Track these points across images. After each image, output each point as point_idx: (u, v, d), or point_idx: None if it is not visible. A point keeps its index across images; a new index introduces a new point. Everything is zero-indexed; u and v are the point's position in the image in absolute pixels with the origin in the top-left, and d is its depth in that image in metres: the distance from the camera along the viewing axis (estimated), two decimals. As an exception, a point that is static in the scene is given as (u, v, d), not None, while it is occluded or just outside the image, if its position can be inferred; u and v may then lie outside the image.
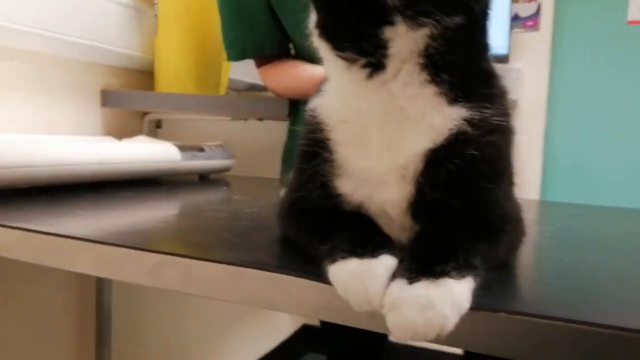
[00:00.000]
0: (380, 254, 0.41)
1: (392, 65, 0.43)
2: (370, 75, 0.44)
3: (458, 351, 1.41)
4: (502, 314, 0.37)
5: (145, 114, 1.50)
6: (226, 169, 1.25)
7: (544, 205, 1.17)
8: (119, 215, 0.70)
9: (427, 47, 0.43)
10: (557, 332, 0.36)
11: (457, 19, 0.42)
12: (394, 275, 0.40)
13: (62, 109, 1.24)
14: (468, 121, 0.44)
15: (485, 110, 0.45)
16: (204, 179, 1.21)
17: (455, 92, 0.44)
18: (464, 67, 0.45)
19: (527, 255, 0.56)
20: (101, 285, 1.25)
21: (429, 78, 0.44)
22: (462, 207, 0.45)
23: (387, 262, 0.41)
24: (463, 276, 0.39)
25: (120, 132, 1.36)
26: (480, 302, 0.38)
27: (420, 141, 0.44)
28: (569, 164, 2.10)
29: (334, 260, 0.41)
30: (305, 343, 2.15)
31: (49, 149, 0.80)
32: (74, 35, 1.23)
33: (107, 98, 1.35)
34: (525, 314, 0.37)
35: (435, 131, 0.44)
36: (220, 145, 1.22)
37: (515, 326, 0.37)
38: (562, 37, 2.07)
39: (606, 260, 0.57)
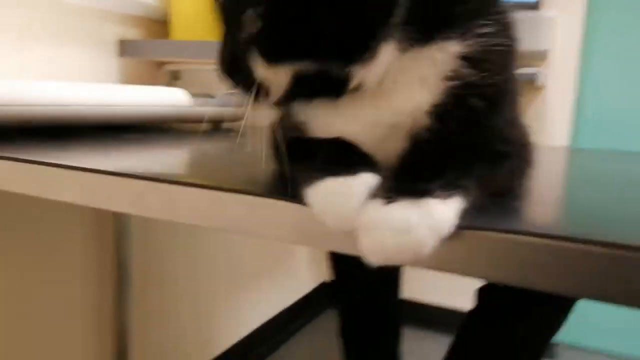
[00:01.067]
0: (359, 171, 0.38)
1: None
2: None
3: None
4: (491, 232, 0.34)
5: (163, 64, 1.48)
6: (239, 118, 1.23)
7: (572, 151, 1.11)
8: (114, 152, 0.69)
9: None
10: (550, 251, 0.32)
11: None
12: (372, 195, 0.37)
13: (78, 57, 1.24)
14: (466, 58, 0.40)
15: (481, 39, 0.41)
16: (216, 128, 1.19)
17: (440, 34, 0.40)
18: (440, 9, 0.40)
19: (537, 188, 0.52)
20: (120, 227, 1.26)
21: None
22: (457, 133, 0.42)
23: (365, 180, 0.38)
24: (449, 196, 0.35)
25: (138, 82, 1.36)
26: (470, 221, 0.35)
27: (416, 98, 0.41)
28: (602, 114, 2.01)
29: (311, 183, 0.39)
30: (325, 299, 2.16)
31: (51, 89, 0.79)
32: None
33: (124, 47, 1.34)
34: (519, 232, 0.33)
35: (431, 88, 0.41)
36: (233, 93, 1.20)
37: (505, 246, 0.34)
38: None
39: (623, 193, 0.53)
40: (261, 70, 0.40)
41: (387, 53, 0.39)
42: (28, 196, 0.53)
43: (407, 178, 0.37)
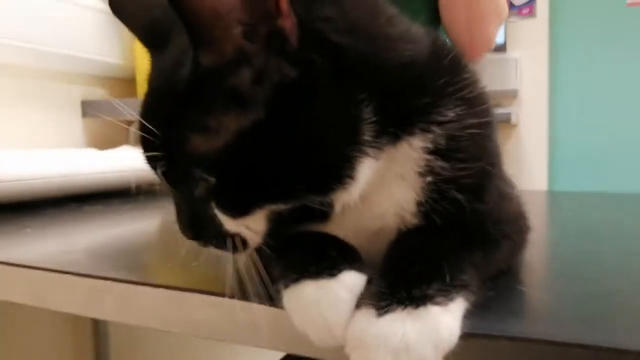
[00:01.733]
0: (341, 270, 0.33)
1: None
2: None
3: None
4: (503, 340, 0.29)
5: (130, 123, 1.44)
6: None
7: (552, 195, 1.09)
8: (71, 233, 0.63)
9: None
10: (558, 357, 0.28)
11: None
12: (361, 301, 0.32)
13: (42, 121, 1.19)
14: (434, 151, 0.36)
15: (447, 126, 0.37)
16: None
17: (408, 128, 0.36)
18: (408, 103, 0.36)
19: (534, 255, 0.48)
20: (98, 329, 1.18)
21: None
22: (445, 225, 0.37)
23: (349, 281, 0.33)
24: (450, 300, 0.31)
25: (106, 142, 1.30)
26: (474, 325, 0.30)
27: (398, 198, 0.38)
28: (575, 152, 2.03)
29: (286, 285, 0.34)
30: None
31: (6, 164, 0.74)
32: (50, 45, 1.17)
33: (88, 108, 1.29)
34: (529, 340, 0.29)
35: (410, 186, 0.37)
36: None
37: (517, 354, 0.29)
38: (560, 23, 2.00)
39: (623, 256, 0.49)
40: (230, 223, 0.35)
41: (366, 167, 0.35)
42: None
43: (399, 277, 0.32)
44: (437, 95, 0.37)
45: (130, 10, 0.40)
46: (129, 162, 0.95)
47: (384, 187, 0.37)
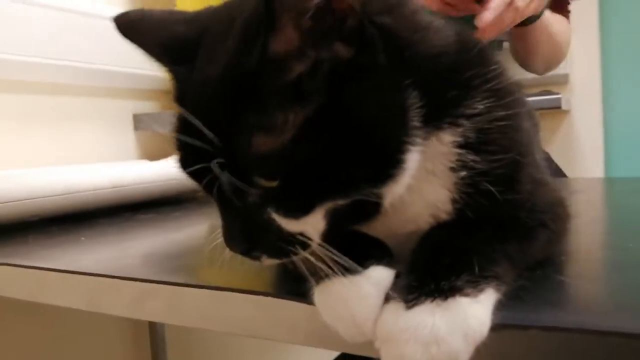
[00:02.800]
0: (368, 265, 0.33)
1: None
2: None
3: None
4: (534, 330, 0.29)
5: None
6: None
7: (607, 182, 1.05)
8: (123, 240, 0.66)
9: None
10: (607, 350, 0.27)
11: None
12: (389, 296, 0.32)
13: (97, 136, 1.25)
14: (464, 145, 0.36)
15: (475, 119, 0.36)
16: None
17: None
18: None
19: (582, 244, 0.47)
20: (154, 331, 1.23)
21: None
22: (478, 219, 0.37)
23: (377, 276, 0.33)
24: (480, 290, 0.30)
25: (157, 153, 1.35)
26: (507, 316, 0.30)
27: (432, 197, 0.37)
28: (632, 137, 1.93)
29: (317, 282, 0.34)
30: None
31: (56, 178, 0.78)
32: (102, 63, 1.23)
33: (139, 121, 1.35)
34: (562, 329, 0.28)
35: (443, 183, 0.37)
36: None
37: (552, 345, 0.28)
38: (610, 3, 1.91)
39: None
40: (292, 225, 0.35)
41: (414, 156, 0.34)
42: (68, 309, 0.49)
43: (428, 270, 0.32)
44: (466, 87, 0.36)
45: (143, 32, 0.40)
46: (177, 171, 0.98)
47: (414, 188, 0.36)
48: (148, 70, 1.32)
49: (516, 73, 1.10)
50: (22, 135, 1.09)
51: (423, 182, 0.37)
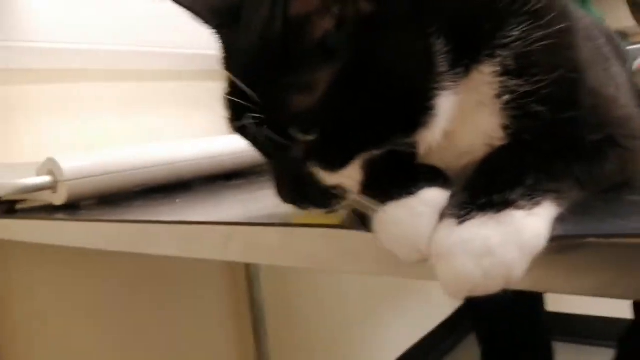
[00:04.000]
0: (421, 188, 0.34)
1: None
2: None
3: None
4: (592, 239, 0.27)
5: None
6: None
7: None
8: (214, 202, 0.71)
9: None
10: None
11: None
12: (443, 213, 0.32)
13: (194, 116, 1.34)
14: (505, 72, 0.36)
15: (513, 46, 0.35)
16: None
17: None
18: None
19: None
20: (250, 275, 1.32)
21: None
22: (536, 132, 0.36)
23: (429, 197, 0.33)
24: (536, 204, 0.29)
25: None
26: (566, 229, 0.29)
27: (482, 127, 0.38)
28: None
29: (376, 211, 0.35)
30: (466, 323, 2.03)
31: (161, 151, 0.86)
32: (196, 48, 1.31)
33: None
34: (624, 236, 0.26)
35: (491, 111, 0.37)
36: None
37: (610, 254, 0.27)
38: None
39: None
40: (331, 178, 0.37)
41: (447, 101, 0.35)
42: (169, 257, 0.55)
43: (482, 186, 0.32)
44: (500, 17, 0.36)
45: None
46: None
47: (466, 121, 0.37)
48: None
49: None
50: (124, 117, 1.20)
51: (475, 113, 0.37)
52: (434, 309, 2.01)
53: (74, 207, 0.73)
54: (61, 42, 1.13)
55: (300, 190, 0.38)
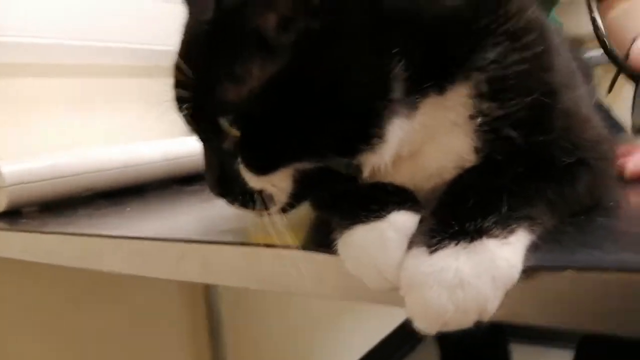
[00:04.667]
0: (390, 211, 0.32)
1: None
2: None
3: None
4: (569, 271, 0.26)
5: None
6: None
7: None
8: (165, 210, 0.68)
9: None
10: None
11: None
12: (412, 241, 0.30)
13: (142, 116, 1.28)
14: (482, 95, 0.34)
15: (489, 68, 0.34)
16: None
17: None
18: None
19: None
20: (209, 288, 1.27)
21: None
22: (508, 155, 0.35)
23: (398, 221, 0.31)
24: (510, 232, 0.28)
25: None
26: (540, 258, 0.28)
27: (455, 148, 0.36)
28: None
29: (340, 233, 0.33)
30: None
31: (109, 154, 0.81)
32: (151, 44, 1.25)
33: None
34: (601, 269, 0.25)
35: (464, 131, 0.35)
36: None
37: (586, 287, 0.26)
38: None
39: None
40: (254, 181, 0.35)
41: (397, 127, 0.33)
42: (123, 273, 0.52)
43: (452, 212, 0.30)
44: (476, 39, 0.34)
45: None
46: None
47: (437, 140, 0.35)
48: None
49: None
50: (73, 117, 1.13)
51: (447, 133, 0.35)
52: (392, 312, 2.02)
53: (14, 214, 0.68)
54: (6, 35, 1.07)
55: (229, 185, 0.37)
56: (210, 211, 0.65)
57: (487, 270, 0.27)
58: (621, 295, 0.25)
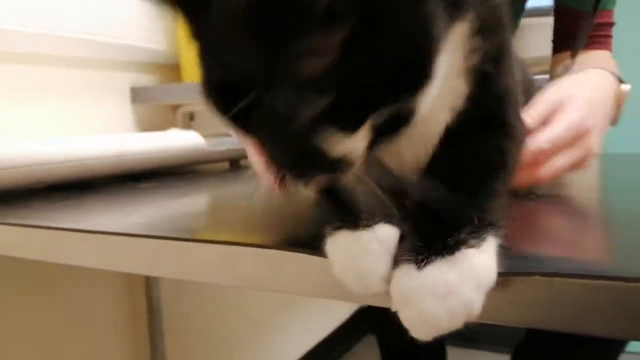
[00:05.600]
0: (376, 222, 0.35)
1: None
2: None
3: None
4: (536, 277, 0.30)
5: (177, 107, 1.49)
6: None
7: (604, 158, 1.05)
8: (127, 208, 0.67)
9: None
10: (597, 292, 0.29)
11: None
12: (399, 259, 0.33)
13: (94, 109, 1.25)
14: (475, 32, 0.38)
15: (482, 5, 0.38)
16: (235, 167, 1.18)
17: None
18: None
19: (569, 208, 0.48)
20: (150, 284, 1.25)
21: None
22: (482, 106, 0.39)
23: (383, 234, 0.34)
24: (482, 240, 0.32)
25: (154, 127, 1.36)
26: (508, 264, 0.32)
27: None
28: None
29: (330, 232, 0.36)
30: (363, 325, 2.10)
31: (61, 145, 0.79)
32: (99, 35, 1.23)
33: (137, 94, 1.34)
34: (563, 275, 0.30)
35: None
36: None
37: (552, 289, 0.30)
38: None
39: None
40: (340, 146, 0.35)
41: (442, 62, 0.35)
42: (59, 264, 0.51)
43: (431, 229, 0.34)
44: None
45: None
46: (179, 142, 0.99)
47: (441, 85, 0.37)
48: (146, 42, 1.34)
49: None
50: (19, 107, 1.09)
51: (446, 76, 0.37)
52: (332, 311, 2.06)
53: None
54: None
55: (303, 163, 0.35)
56: (173, 208, 0.65)
57: (471, 278, 0.30)
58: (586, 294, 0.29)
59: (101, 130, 1.25)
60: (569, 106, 0.56)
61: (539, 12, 1.73)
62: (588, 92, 0.60)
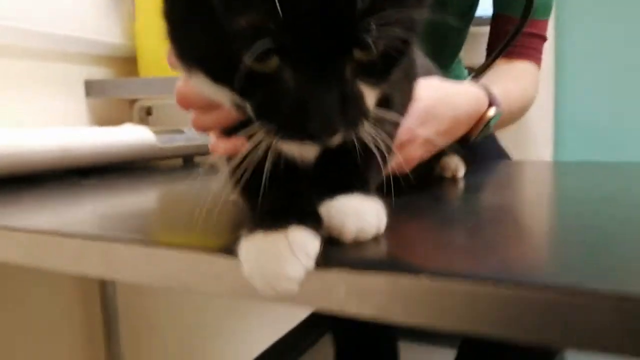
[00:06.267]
0: (290, 224, 0.35)
1: None
2: None
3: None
4: (424, 277, 0.32)
5: (134, 101, 1.47)
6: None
7: (557, 166, 1.09)
8: (67, 202, 0.67)
9: None
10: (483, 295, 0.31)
11: None
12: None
13: (46, 102, 1.22)
14: None
15: None
16: (187, 163, 1.17)
17: None
18: None
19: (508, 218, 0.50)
20: (105, 283, 1.24)
21: None
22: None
23: (294, 237, 0.35)
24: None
25: (110, 122, 1.34)
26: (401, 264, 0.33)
27: None
28: (582, 121, 2.01)
29: (245, 233, 0.36)
30: (319, 326, 2.12)
31: (4, 137, 0.77)
32: (53, 26, 1.20)
33: (91, 88, 1.32)
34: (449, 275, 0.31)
35: None
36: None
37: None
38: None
39: (625, 222, 0.48)
40: (371, 96, 0.38)
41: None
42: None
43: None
44: None
45: None
46: (128, 138, 0.99)
47: None
48: (101, 35, 1.32)
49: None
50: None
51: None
52: (289, 313, 2.07)
53: None
54: None
55: (345, 114, 0.36)
56: (109, 206, 0.65)
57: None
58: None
59: (54, 124, 1.22)
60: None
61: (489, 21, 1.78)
62: (431, 101, 0.60)
